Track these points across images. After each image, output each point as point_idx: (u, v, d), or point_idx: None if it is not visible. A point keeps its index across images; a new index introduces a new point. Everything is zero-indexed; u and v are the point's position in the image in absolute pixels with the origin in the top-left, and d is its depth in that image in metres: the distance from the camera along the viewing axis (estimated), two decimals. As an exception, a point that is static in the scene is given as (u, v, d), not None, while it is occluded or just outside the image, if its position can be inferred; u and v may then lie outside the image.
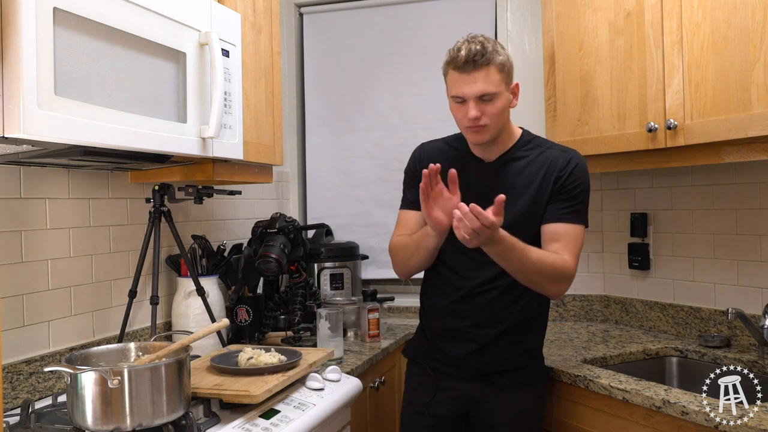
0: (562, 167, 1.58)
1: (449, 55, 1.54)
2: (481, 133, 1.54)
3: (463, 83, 1.50)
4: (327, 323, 1.95)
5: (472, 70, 1.48)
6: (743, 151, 1.67)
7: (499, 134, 1.59)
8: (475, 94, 1.50)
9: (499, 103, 1.52)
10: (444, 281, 1.66)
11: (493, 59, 1.49)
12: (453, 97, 1.55)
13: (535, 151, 1.63)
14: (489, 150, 1.63)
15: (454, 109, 1.57)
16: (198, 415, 1.35)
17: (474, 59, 1.47)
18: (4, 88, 1.01)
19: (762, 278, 1.92)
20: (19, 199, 1.52)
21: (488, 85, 1.49)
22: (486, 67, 1.49)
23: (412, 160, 1.75)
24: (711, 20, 1.69)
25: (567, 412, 1.76)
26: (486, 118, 1.52)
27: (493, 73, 1.49)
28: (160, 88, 1.34)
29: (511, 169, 1.61)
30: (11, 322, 1.48)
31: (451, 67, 1.53)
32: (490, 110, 1.51)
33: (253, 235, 2.14)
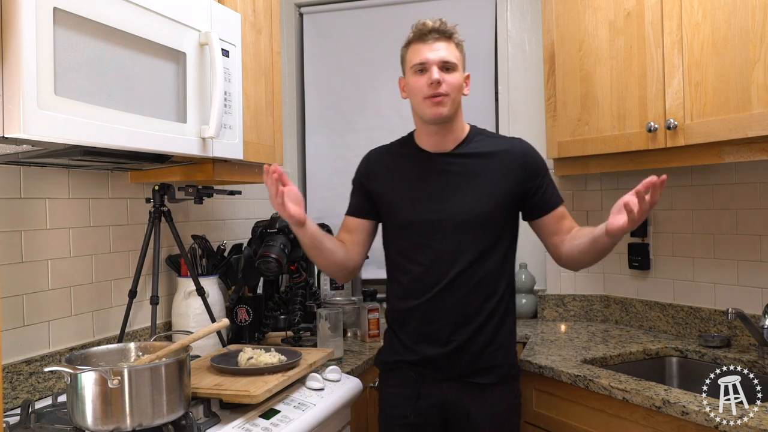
0: (521, 156, 1.61)
1: (413, 30, 1.58)
2: (441, 104, 1.53)
3: (427, 50, 1.54)
4: (327, 323, 1.95)
5: (436, 39, 1.54)
6: (743, 151, 1.67)
7: (454, 116, 1.58)
8: (438, 59, 1.53)
9: (458, 77, 1.56)
10: (413, 280, 1.60)
11: (454, 34, 1.57)
12: (414, 66, 1.55)
13: (487, 141, 1.64)
14: (442, 141, 1.61)
15: (412, 82, 1.56)
16: (198, 415, 1.35)
17: (438, 29, 1.55)
18: (4, 88, 1.01)
19: (762, 278, 1.92)
20: (19, 199, 1.52)
21: (451, 55, 1.54)
22: (448, 40, 1.56)
23: (360, 167, 1.75)
24: (711, 20, 1.69)
25: (567, 412, 1.76)
26: (446, 87, 1.52)
27: (453, 47, 1.56)
28: (160, 88, 1.34)
29: (468, 159, 1.60)
30: (11, 322, 1.48)
31: (414, 40, 1.57)
32: (450, 79, 1.53)
33: (253, 235, 2.14)
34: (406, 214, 1.61)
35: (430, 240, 1.57)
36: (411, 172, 1.64)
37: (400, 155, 1.69)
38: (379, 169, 1.69)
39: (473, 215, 1.56)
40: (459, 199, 1.57)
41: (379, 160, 1.72)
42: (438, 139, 1.62)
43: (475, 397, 1.57)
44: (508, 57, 2.66)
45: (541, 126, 2.46)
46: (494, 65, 2.68)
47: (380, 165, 1.70)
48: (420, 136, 1.66)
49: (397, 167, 1.67)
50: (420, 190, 1.61)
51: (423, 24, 1.56)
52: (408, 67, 1.59)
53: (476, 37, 2.69)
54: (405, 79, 1.62)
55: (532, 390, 1.89)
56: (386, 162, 1.70)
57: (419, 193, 1.61)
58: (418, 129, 1.67)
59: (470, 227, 1.56)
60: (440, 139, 1.62)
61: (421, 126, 1.64)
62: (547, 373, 1.79)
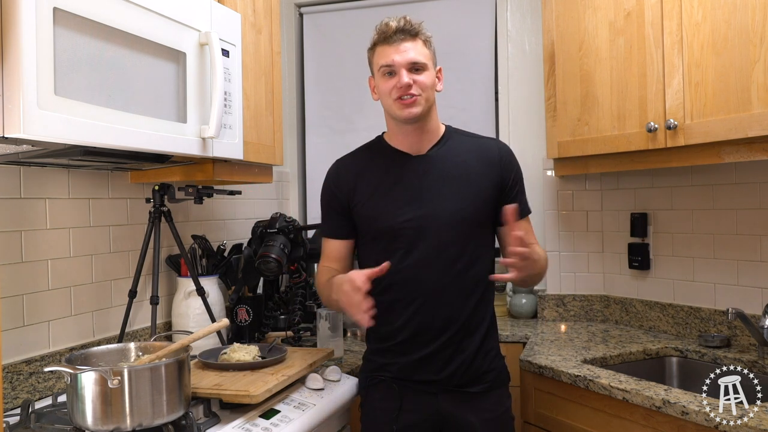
0: (501, 157, 1.57)
1: (376, 32, 1.52)
2: (414, 105, 1.48)
3: (393, 52, 1.48)
4: (327, 323, 1.95)
5: (402, 40, 1.48)
6: (743, 151, 1.67)
7: (428, 115, 1.53)
8: (406, 61, 1.47)
9: (429, 75, 1.50)
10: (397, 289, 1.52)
11: (420, 32, 1.51)
12: (381, 69, 1.50)
13: (465, 140, 1.60)
14: (417, 141, 1.56)
15: (381, 84, 1.52)
16: (198, 415, 1.35)
17: (404, 28, 1.48)
18: (4, 88, 1.01)
19: (762, 278, 1.92)
20: (19, 199, 1.52)
21: (419, 55, 1.48)
22: (414, 38, 1.49)
23: (328, 180, 1.66)
24: (711, 20, 1.69)
25: (567, 412, 1.76)
26: (417, 88, 1.48)
27: (420, 45, 1.50)
28: (160, 88, 1.34)
29: (445, 160, 1.55)
30: (11, 322, 1.49)
31: (379, 42, 1.52)
32: (420, 80, 1.48)
33: (253, 235, 2.14)
34: (386, 221, 1.53)
35: (412, 246, 1.51)
36: (387, 175, 1.57)
37: (372, 159, 1.61)
38: (350, 178, 1.60)
39: (456, 218, 1.50)
40: (440, 202, 1.51)
41: (349, 168, 1.63)
42: (413, 140, 1.56)
43: (470, 405, 1.53)
44: (508, 57, 2.66)
45: (541, 126, 2.46)
46: (494, 65, 2.68)
47: (351, 173, 1.61)
48: (393, 137, 1.60)
49: (370, 172, 1.59)
50: (398, 194, 1.54)
51: (386, 25, 1.50)
52: (376, 70, 1.54)
53: (476, 37, 2.69)
54: (374, 80, 1.58)
55: (532, 390, 1.89)
56: (357, 169, 1.61)
57: (398, 198, 1.54)
58: (392, 130, 1.60)
59: (453, 230, 1.50)
60: (416, 140, 1.56)
61: (394, 127, 1.58)
62: (547, 373, 1.79)
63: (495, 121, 2.68)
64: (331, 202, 1.63)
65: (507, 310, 2.58)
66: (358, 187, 1.59)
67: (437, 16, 2.71)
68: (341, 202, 1.60)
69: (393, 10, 2.79)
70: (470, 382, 1.53)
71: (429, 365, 1.53)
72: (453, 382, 1.53)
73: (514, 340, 2.18)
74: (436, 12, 2.72)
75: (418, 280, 1.51)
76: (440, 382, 1.53)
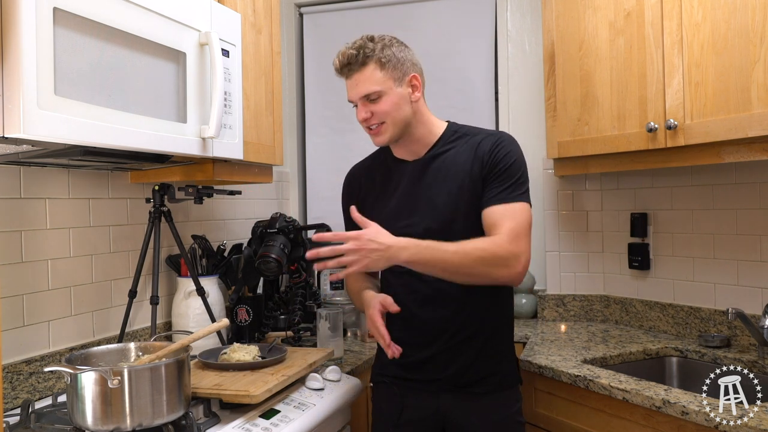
0: (491, 149, 1.51)
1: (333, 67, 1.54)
2: (379, 134, 1.51)
3: (349, 88, 1.51)
4: (327, 323, 1.95)
5: (350, 73, 1.49)
6: (743, 151, 1.67)
7: (404, 131, 1.53)
8: (359, 95, 1.49)
9: (388, 100, 1.48)
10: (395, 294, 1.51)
11: (369, 58, 1.47)
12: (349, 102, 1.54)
13: (462, 140, 1.58)
14: (412, 149, 1.58)
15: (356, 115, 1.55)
16: (198, 415, 1.35)
17: (348, 63, 1.48)
18: (4, 88, 1.01)
19: (762, 278, 1.92)
20: (19, 199, 1.52)
21: (369, 84, 1.47)
22: (362, 68, 1.47)
23: (345, 185, 1.72)
24: (711, 20, 1.69)
25: (567, 412, 1.76)
26: (375, 118, 1.49)
27: (371, 71, 1.47)
28: (160, 88, 1.34)
29: (439, 163, 1.55)
30: (11, 322, 1.49)
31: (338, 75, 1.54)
32: (377, 109, 1.48)
33: (253, 235, 2.14)
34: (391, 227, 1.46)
35: None
36: (388, 183, 1.61)
37: (378, 166, 1.66)
38: (361, 184, 1.67)
39: (452, 220, 1.49)
40: (436, 206, 1.51)
41: (358, 176, 1.69)
42: (406, 150, 1.59)
43: (473, 406, 1.52)
44: (508, 57, 2.66)
45: (541, 126, 2.46)
46: (494, 65, 2.68)
47: (359, 182, 1.68)
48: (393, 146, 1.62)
49: (375, 180, 1.64)
50: (397, 201, 1.56)
51: (336, 61, 1.51)
52: None
53: (476, 37, 2.69)
54: None
55: (532, 390, 1.89)
56: (364, 178, 1.67)
57: (396, 205, 1.56)
58: None
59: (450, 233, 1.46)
60: (408, 150, 1.58)
61: None
62: (547, 373, 1.79)
63: (495, 121, 2.68)
64: (347, 200, 1.68)
65: (507, 310, 2.58)
66: (366, 190, 1.65)
67: (437, 16, 2.71)
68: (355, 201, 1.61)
69: (393, 10, 2.79)
70: (472, 383, 1.53)
71: (429, 367, 1.53)
72: (454, 382, 1.53)
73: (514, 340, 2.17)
74: (436, 12, 2.72)
75: (416, 285, 1.51)
76: (440, 381, 1.53)
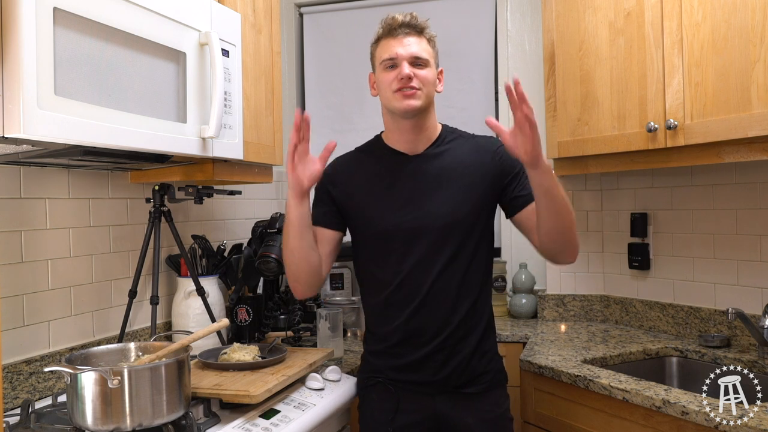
0: (496, 151, 1.54)
1: (382, 26, 1.52)
2: (414, 97, 1.47)
3: (396, 45, 1.48)
4: (327, 323, 1.95)
5: (406, 34, 1.48)
6: (743, 151, 1.67)
7: (426, 112, 1.52)
8: (409, 55, 1.47)
9: (431, 72, 1.50)
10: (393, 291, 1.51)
11: (426, 29, 1.51)
12: (384, 61, 1.49)
13: (460, 141, 1.58)
14: (414, 140, 1.55)
15: (382, 77, 1.50)
16: (198, 415, 1.35)
17: (409, 23, 1.48)
18: (4, 88, 1.01)
19: (762, 278, 1.92)
20: (19, 199, 1.52)
21: (421, 50, 1.48)
22: (419, 35, 1.49)
23: (323, 177, 1.59)
24: (711, 20, 1.69)
25: (567, 412, 1.76)
26: (417, 81, 1.46)
27: (425, 42, 1.50)
28: (160, 88, 1.34)
29: (441, 159, 1.54)
30: (11, 322, 1.49)
31: (384, 36, 1.51)
32: (420, 74, 1.47)
33: (253, 235, 2.14)
34: (382, 224, 1.52)
35: (410, 248, 1.49)
36: (383, 177, 1.55)
37: (369, 160, 1.60)
38: (346, 178, 1.59)
39: (451, 219, 1.49)
40: (436, 204, 1.50)
41: (345, 168, 1.61)
42: (411, 138, 1.54)
43: (467, 406, 1.53)
44: (508, 57, 2.66)
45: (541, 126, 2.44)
46: (494, 65, 2.68)
47: (347, 174, 1.60)
48: (390, 136, 1.59)
49: (367, 173, 1.58)
50: (394, 196, 1.53)
51: (392, 18, 1.50)
52: (378, 63, 1.53)
53: (476, 37, 2.69)
54: (375, 75, 1.56)
55: (532, 390, 1.89)
56: (353, 170, 1.60)
57: (394, 200, 1.52)
58: (389, 127, 1.59)
59: (450, 232, 1.49)
60: (413, 138, 1.54)
61: (392, 124, 1.56)
62: (547, 373, 1.79)
63: (495, 121, 2.68)
64: (322, 196, 1.61)
65: (507, 310, 2.58)
66: (355, 189, 1.57)
67: (437, 16, 2.71)
68: (333, 198, 1.59)
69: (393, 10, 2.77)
70: (467, 383, 1.53)
71: (425, 367, 1.52)
72: (450, 383, 1.52)
73: (514, 340, 2.18)
74: (436, 12, 2.72)
75: (414, 282, 1.50)
76: (437, 383, 1.52)
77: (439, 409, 1.53)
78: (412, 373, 1.53)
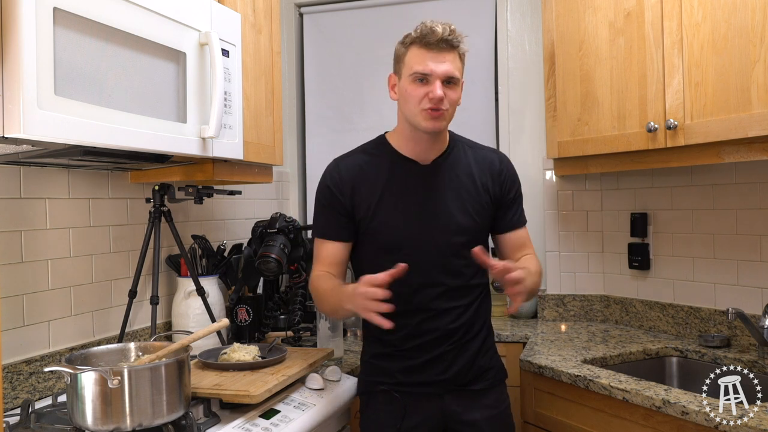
0: (500, 170, 1.58)
1: (418, 33, 1.43)
2: (441, 118, 1.44)
3: (431, 60, 1.41)
4: (327, 323, 1.95)
5: (442, 50, 1.42)
6: (743, 151, 1.67)
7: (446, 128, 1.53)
8: (444, 74, 1.42)
9: (458, 91, 1.47)
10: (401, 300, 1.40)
11: (460, 45, 1.45)
12: (415, 74, 1.42)
13: (469, 151, 1.59)
14: (428, 150, 1.53)
15: (410, 90, 1.44)
16: (198, 415, 1.35)
17: (448, 39, 1.42)
18: (4, 88, 1.01)
19: (762, 278, 1.92)
20: (19, 199, 1.52)
21: (455, 68, 1.44)
22: (454, 51, 1.44)
23: (327, 180, 1.57)
24: (711, 20, 1.69)
25: (567, 412, 1.76)
26: (446, 103, 1.43)
27: (458, 59, 1.46)
28: (160, 88, 1.34)
29: (450, 171, 1.54)
30: (11, 322, 1.48)
31: (417, 43, 1.43)
32: (452, 96, 1.44)
33: (253, 235, 2.14)
34: (391, 231, 1.50)
35: (417, 256, 1.47)
36: (393, 183, 1.52)
37: (377, 163, 1.55)
38: (354, 185, 1.53)
39: (460, 229, 1.50)
40: (445, 214, 1.50)
41: (351, 170, 1.55)
42: (425, 148, 1.53)
43: (474, 403, 1.54)
44: (508, 57, 2.66)
45: (541, 126, 2.46)
46: (494, 65, 2.68)
47: (352, 176, 1.54)
48: (402, 142, 1.55)
49: (375, 177, 1.53)
50: (405, 204, 1.51)
51: (431, 30, 1.41)
52: (405, 71, 1.46)
53: (476, 37, 2.68)
54: (399, 81, 1.49)
55: (532, 390, 1.89)
56: (360, 172, 1.54)
57: (404, 208, 1.51)
58: (403, 134, 1.54)
59: (458, 241, 1.50)
60: (426, 148, 1.53)
61: (408, 132, 1.52)
62: (547, 373, 1.79)
63: (495, 121, 2.68)
64: (332, 202, 1.54)
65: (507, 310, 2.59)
66: (362, 191, 1.52)
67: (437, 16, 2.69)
68: (343, 205, 1.53)
69: (393, 10, 2.79)
70: (473, 380, 1.55)
71: (433, 367, 1.53)
72: (457, 381, 1.54)
73: (514, 340, 2.18)
74: (436, 12, 2.72)
75: (422, 290, 1.50)
76: (445, 382, 1.53)
77: (447, 408, 1.54)
78: (419, 374, 1.54)
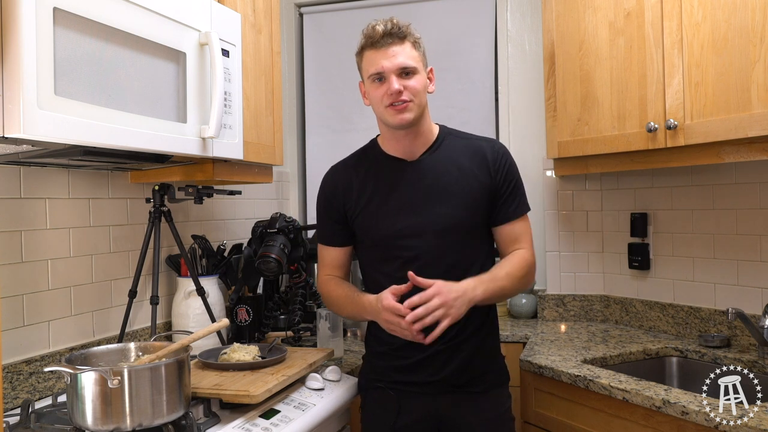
0: (496, 159, 1.54)
1: (364, 36, 1.49)
2: (406, 110, 1.46)
3: (382, 58, 1.45)
4: (327, 323, 1.95)
5: (390, 44, 1.45)
6: (743, 151, 1.67)
7: (421, 118, 1.51)
8: (396, 67, 1.44)
9: (419, 79, 1.47)
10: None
11: (408, 34, 1.48)
12: (371, 76, 1.47)
13: (458, 143, 1.57)
14: (410, 146, 1.54)
15: (372, 91, 1.49)
16: (198, 415, 1.35)
17: (391, 32, 1.45)
18: (4, 88, 1.01)
19: (762, 278, 1.92)
20: (19, 199, 1.52)
21: (407, 58, 1.45)
22: (402, 42, 1.46)
23: (323, 188, 1.64)
24: (711, 20, 1.69)
25: (567, 412, 1.76)
26: (408, 93, 1.45)
27: (409, 47, 1.47)
28: (160, 88, 1.34)
29: (438, 164, 1.54)
30: (11, 322, 1.49)
31: (367, 47, 1.49)
32: (409, 84, 1.45)
33: (253, 235, 2.14)
34: (382, 230, 1.53)
35: (410, 253, 1.50)
36: (382, 183, 1.56)
37: (367, 166, 1.59)
38: (344, 186, 1.59)
39: (451, 224, 1.50)
40: (435, 209, 1.50)
41: (343, 176, 1.61)
42: (407, 144, 1.54)
43: (469, 405, 1.53)
44: (508, 57, 2.66)
45: (541, 126, 2.46)
46: (494, 65, 2.68)
47: (345, 181, 1.60)
48: (386, 142, 1.58)
49: (365, 180, 1.57)
50: (394, 202, 1.53)
51: (373, 28, 1.47)
52: (365, 76, 1.51)
53: (476, 37, 2.69)
54: (365, 86, 1.54)
55: (532, 390, 1.89)
56: (351, 177, 1.60)
57: (393, 206, 1.53)
58: (385, 135, 1.59)
59: (449, 236, 1.50)
60: (409, 144, 1.54)
61: (387, 132, 1.56)
62: (547, 373, 1.79)
63: (495, 121, 2.68)
64: (327, 209, 1.62)
65: (507, 310, 2.58)
66: (354, 195, 1.57)
67: (437, 16, 2.71)
68: (337, 210, 1.60)
69: (393, 10, 2.78)
70: (469, 382, 1.53)
71: (427, 367, 1.53)
72: (451, 382, 1.53)
73: (514, 340, 2.18)
74: (436, 12, 2.72)
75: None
76: (439, 382, 1.52)
77: (441, 409, 1.53)
78: (414, 373, 1.53)
